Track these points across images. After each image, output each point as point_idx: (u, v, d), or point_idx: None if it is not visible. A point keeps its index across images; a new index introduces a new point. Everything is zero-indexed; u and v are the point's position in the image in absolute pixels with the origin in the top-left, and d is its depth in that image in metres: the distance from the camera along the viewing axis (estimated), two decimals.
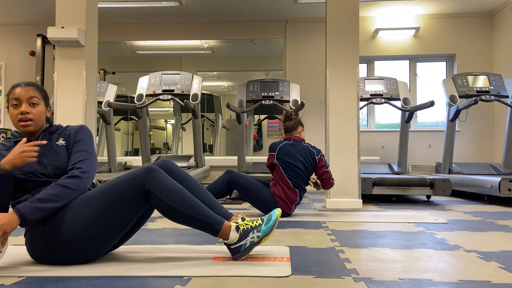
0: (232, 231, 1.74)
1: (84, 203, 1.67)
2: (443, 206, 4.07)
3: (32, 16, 6.59)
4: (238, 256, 1.76)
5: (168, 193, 1.68)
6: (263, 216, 1.96)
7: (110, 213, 1.66)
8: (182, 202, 1.69)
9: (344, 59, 3.97)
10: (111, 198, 1.66)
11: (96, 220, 1.66)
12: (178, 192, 1.70)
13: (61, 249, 1.66)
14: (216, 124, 7.29)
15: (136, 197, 1.68)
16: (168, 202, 1.67)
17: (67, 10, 3.88)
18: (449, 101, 5.26)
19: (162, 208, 1.69)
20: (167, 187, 1.69)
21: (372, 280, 1.51)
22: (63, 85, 3.87)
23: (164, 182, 1.69)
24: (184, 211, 1.68)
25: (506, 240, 2.33)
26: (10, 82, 6.77)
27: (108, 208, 1.66)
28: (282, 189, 3.17)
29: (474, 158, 6.40)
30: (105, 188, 1.69)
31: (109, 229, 1.70)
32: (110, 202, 1.66)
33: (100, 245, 1.72)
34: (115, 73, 7.50)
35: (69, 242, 1.64)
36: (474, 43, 6.52)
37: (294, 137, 3.35)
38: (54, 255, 1.68)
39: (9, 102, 1.77)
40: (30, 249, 1.72)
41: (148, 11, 6.43)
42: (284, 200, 3.15)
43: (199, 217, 1.70)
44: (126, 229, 1.76)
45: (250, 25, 6.83)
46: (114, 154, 5.62)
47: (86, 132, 1.86)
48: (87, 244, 1.68)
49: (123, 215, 1.69)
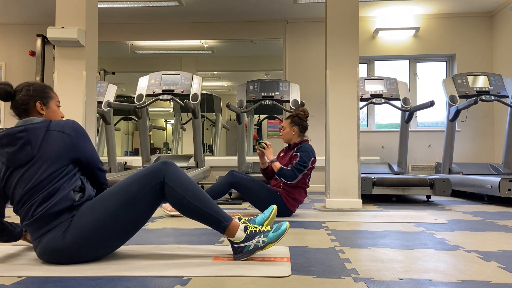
0: (240, 230, 1.77)
1: (102, 203, 1.71)
2: (443, 206, 4.07)
3: (32, 16, 6.59)
4: (239, 257, 1.77)
5: (181, 185, 1.75)
6: (264, 215, 1.96)
7: (128, 211, 1.71)
8: (195, 195, 1.76)
9: (344, 59, 3.97)
10: (129, 195, 1.71)
11: (115, 218, 1.70)
12: (191, 185, 1.78)
13: (80, 248, 1.68)
14: (216, 124, 7.29)
15: (153, 190, 1.74)
16: (181, 193, 1.74)
17: (67, 10, 3.88)
18: (449, 101, 5.26)
19: (174, 199, 1.75)
20: (182, 179, 1.77)
21: (372, 280, 1.51)
22: (63, 85, 3.87)
23: (179, 174, 1.78)
24: (196, 203, 1.75)
25: (506, 240, 2.33)
26: (10, 82, 6.76)
27: (126, 206, 1.71)
28: (300, 191, 3.18)
29: (474, 158, 6.40)
30: (121, 187, 1.74)
31: (127, 227, 1.75)
32: (128, 200, 1.71)
33: (117, 242, 1.78)
34: (115, 73, 7.50)
35: (89, 239, 1.67)
36: (474, 43, 6.52)
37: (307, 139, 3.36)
38: (72, 254, 1.68)
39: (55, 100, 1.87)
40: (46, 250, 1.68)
41: (148, 11, 6.43)
42: (296, 199, 3.17)
43: (209, 211, 1.76)
44: (143, 225, 1.83)
45: (250, 25, 6.83)
46: (114, 154, 5.62)
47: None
48: (105, 241, 1.72)
49: (141, 211, 1.75)
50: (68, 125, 1.77)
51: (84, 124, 3.86)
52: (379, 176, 4.39)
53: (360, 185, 3.91)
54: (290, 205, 3.16)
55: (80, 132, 1.78)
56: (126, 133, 8.01)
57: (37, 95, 1.80)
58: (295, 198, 3.17)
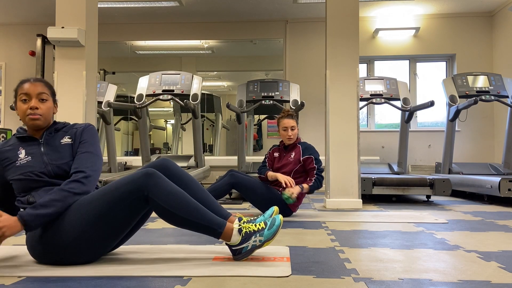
0: (234, 235, 1.72)
1: (84, 206, 1.65)
2: (443, 206, 4.07)
3: (32, 16, 6.59)
4: (239, 257, 1.76)
5: (167, 198, 1.64)
6: (264, 217, 1.95)
7: (110, 216, 1.64)
8: (182, 207, 1.65)
9: (344, 59, 3.97)
10: (110, 201, 1.63)
11: (96, 223, 1.64)
12: (178, 197, 1.66)
13: (61, 251, 1.66)
14: (216, 124, 7.29)
15: (136, 201, 1.65)
16: (167, 208, 1.64)
17: (67, 10, 3.88)
18: (449, 101, 5.25)
19: (161, 213, 1.66)
20: (166, 192, 1.64)
21: (372, 280, 1.51)
22: (63, 85, 3.87)
23: (163, 187, 1.65)
24: (184, 216, 1.66)
25: (506, 240, 2.33)
26: (10, 82, 6.78)
27: (108, 211, 1.63)
28: None
29: (474, 158, 6.40)
30: (105, 192, 1.67)
31: (109, 231, 1.69)
32: (109, 205, 1.63)
33: (100, 247, 1.72)
34: (115, 73, 7.50)
35: (69, 244, 1.64)
36: (474, 43, 6.52)
37: None
38: (54, 256, 1.68)
39: (18, 97, 1.76)
40: (31, 250, 1.73)
41: (148, 11, 6.43)
42: (298, 198, 3.16)
43: (200, 222, 1.68)
44: (126, 231, 1.76)
45: (250, 25, 6.83)
46: (114, 154, 5.62)
47: (92, 132, 1.85)
48: (87, 246, 1.67)
49: (123, 217, 1.68)
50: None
51: None
52: (379, 176, 4.39)
53: (360, 185, 3.91)
54: (291, 205, 3.16)
55: None
56: (126, 133, 8.01)
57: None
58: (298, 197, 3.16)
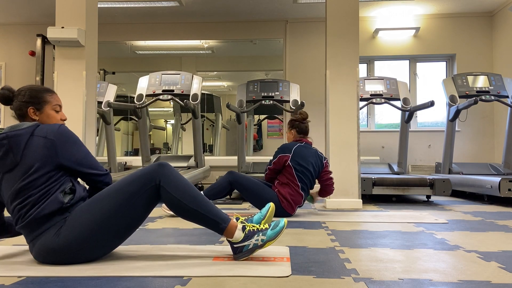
0: (238, 230, 1.76)
1: (96, 204, 1.71)
2: (443, 206, 4.07)
3: (32, 16, 6.58)
4: (239, 256, 1.77)
5: (177, 188, 1.73)
6: (261, 214, 1.96)
7: (124, 212, 1.70)
8: (191, 198, 1.74)
9: (344, 59, 3.97)
10: (124, 196, 1.70)
11: (110, 219, 1.69)
12: (187, 187, 1.76)
13: (75, 249, 1.67)
14: (216, 124, 7.29)
15: (148, 192, 1.73)
16: (177, 196, 1.73)
17: (67, 10, 3.88)
18: (449, 101, 5.25)
19: (171, 202, 1.75)
20: (177, 182, 1.75)
21: (372, 280, 1.51)
22: (63, 85, 3.88)
23: (174, 177, 1.76)
24: (192, 206, 1.74)
25: (506, 240, 2.33)
26: (10, 82, 6.77)
27: (121, 207, 1.70)
28: (290, 190, 3.16)
29: (474, 158, 6.40)
30: (116, 188, 1.73)
31: (122, 228, 1.74)
32: (123, 201, 1.70)
33: (112, 243, 1.78)
34: (115, 73, 7.50)
35: (83, 242, 1.67)
36: (474, 43, 6.52)
37: (306, 141, 3.34)
38: (66, 256, 1.68)
39: (51, 105, 1.82)
40: (40, 251, 1.69)
41: (148, 11, 6.43)
42: (289, 201, 3.14)
43: (207, 214, 1.75)
44: (138, 226, 1.82)
45: (250, 25, 6.83)
46: (114, 154, 5.61)
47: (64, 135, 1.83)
48: (101, 243, 1.72)
49: (136, 212, 1.75)
50: (53, 130, 1.72)
51: (84, 124, 3.86)
52: (379, 176, 4.39)
53: (360, 185, 3.91)
54: (285, 205, 3.14)
55: (65, 137, 1.72)
56: (126, 133, 8.01)
57: (30, 101, 1.77)
58: (286, 198, 3.14)
